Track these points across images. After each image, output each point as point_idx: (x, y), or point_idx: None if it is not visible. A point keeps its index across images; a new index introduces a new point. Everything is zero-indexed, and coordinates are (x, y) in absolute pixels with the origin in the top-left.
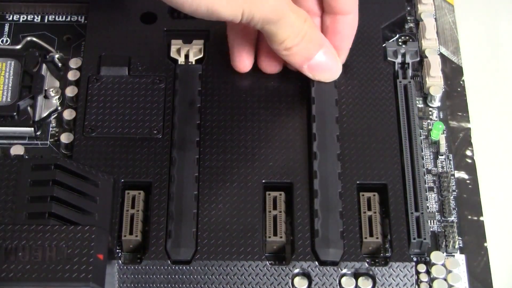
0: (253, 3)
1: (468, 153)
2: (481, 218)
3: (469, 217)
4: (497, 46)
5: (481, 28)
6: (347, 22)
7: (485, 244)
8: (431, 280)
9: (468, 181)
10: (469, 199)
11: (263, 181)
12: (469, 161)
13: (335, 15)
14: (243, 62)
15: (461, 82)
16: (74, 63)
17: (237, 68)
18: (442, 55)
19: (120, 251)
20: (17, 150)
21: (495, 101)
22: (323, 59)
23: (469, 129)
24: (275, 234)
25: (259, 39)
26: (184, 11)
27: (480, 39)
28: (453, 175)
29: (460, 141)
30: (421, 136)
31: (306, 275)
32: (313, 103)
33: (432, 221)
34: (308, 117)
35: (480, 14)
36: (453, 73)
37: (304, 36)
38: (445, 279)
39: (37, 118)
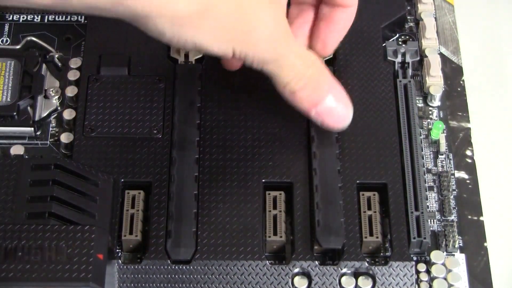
0: (244, 42)
1: (468, 153)
2: (481, 218)
3: (469, 217)
4: (497, 46)
5: (481, 28)
6: (346, 14)
7: (485, 244)
8: (431, 279)
9: (468, 181)
10: (469, 199)
11: (263, 180)
12: (469, 161)
13: (335, 6)
14: (232, 60)
15: (461, 82)
16: (74, 63)
17: (226, 67)
18: (442, 55)
19: (120, 251)
20: (17, 150)
21: (495, 101)
22: (333, 104)
23: (469, 129)
24: (275, 233)
25: None
26: (172, 45)
27: (480, 39)
28: (453, 174)
29: (460, 141)
30: (421, 136)
31: (306, 274)
32: None
33: (432, 220)
34: (307, 125)
35: (480, 14)
36: (453, 73)
37: (310, 79)
38: (445, 279)
39: (37, 118)
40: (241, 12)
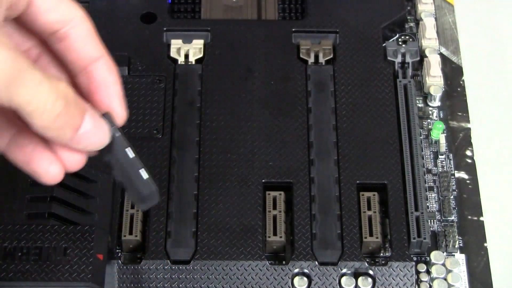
0: None
1: (468, 153)
2: (481, 218)
3: (469, 217)
4: (497, 46)
5: (481, 28)
6: (102, 68)
7: (485, 244)
8: (431, 279)
9: (468, 181)
10: (469, 199)
11: (263, 181)
12: (469, 161)
13: (85, 69)
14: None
15: (461, 82)
16: None
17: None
18: (442, 55)
19: (120, 251)
20: None
21: (495, 101)
22: (90, 126)
23: (469, 129)
24: (274, 234)
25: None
26: None
27: (480, 39)
28: (453, 174)
29: (460, 141)
30: (421, 136)
31: (305, 275)
32: (310, 112)
33: (432, 220)
34: (307, 125)
35: (480, 14)
36: (453, 73)
37: (66, 99)
38: (445, 279)
39: None
40: None
